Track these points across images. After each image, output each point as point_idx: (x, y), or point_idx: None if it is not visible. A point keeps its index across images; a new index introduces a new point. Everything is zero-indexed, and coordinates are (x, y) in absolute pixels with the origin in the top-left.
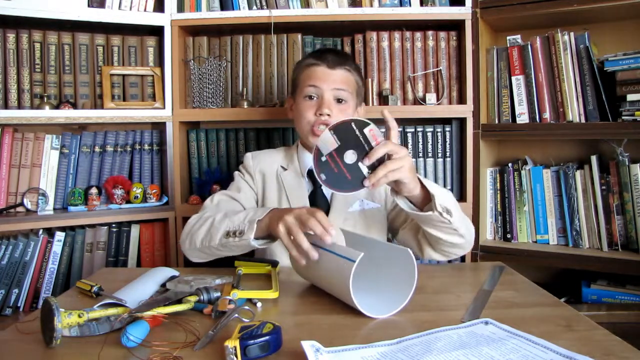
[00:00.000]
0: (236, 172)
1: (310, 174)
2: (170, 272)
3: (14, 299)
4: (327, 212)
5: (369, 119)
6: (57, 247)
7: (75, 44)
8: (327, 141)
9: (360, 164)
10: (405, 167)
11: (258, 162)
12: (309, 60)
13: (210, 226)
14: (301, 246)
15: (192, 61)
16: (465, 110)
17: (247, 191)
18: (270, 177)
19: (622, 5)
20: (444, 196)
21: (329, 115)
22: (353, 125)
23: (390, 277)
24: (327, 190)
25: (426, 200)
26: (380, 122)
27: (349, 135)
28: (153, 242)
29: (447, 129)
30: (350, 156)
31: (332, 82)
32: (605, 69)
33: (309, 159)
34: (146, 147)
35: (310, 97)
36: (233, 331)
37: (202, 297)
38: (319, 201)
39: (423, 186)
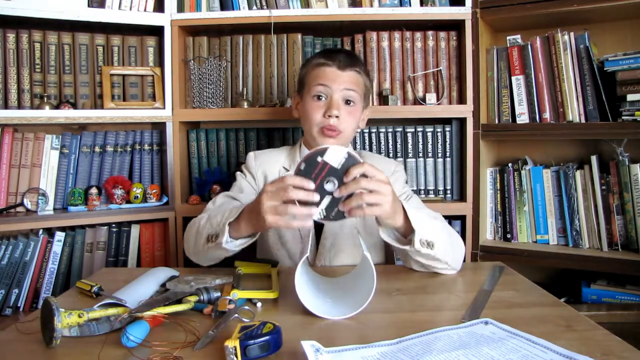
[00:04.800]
0: (238, 173)
1: None
2: (170, 272)
3: (14, 299)
4: None
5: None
6: (57, 247)
7: (75, 44)
8: (336, 155)
9: (327, 197)
10: (385, 206)
11: (260, 163)
12: (318, 60)
13: (197, 231)
14: (300, 214)
15: (192, 61)
16: (465, 110)
17: (249, 192)
18: (273, 178)
19: (622, 5)
20: (427, 229)
21: (337, 117)
22: (358, 170)
23: (354, 281)
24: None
25: (411, 229)
26: (379, 122)
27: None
28: (153, 242)
29: (447, 129)
30: (328, 183)
31: (341, 82)
32: (605, 69)
33: None
34: (146, 147)
35: (319, 97)
36: (233, 331)
37: (202, 297)
38: None
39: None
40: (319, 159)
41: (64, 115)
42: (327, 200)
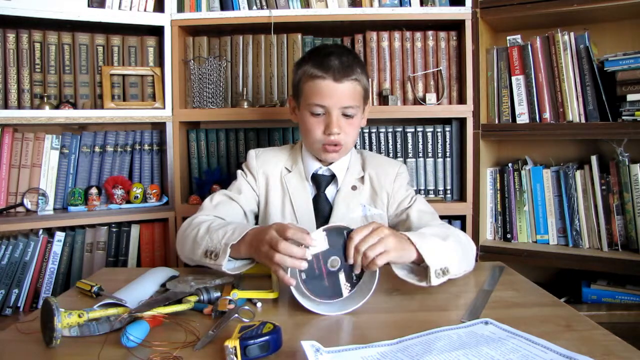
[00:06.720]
0: (239, 171)
1: (314, 178)
2: (170, 272)
3: (14, 299)
4: (329, 217)
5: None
6: (57, 247)
7: (75, 44)
8: (319, 241)
9: (340, 273)
10: (389, 250)
11: (262, 163)
12: (312, 70)
13: (194, 239)
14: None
15: (192, 61)
16: (465, 110)
17: (248, 193)
18: (274, 179)
19: (622, 5)
20: (439, 254)
21: (338, 134)
22: (345, 233)
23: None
24: (330, 194)
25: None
26: (379, 122)
27: (338, 240)
28: (153, 242)
29: (447, 129)
30: (333, 262)
31: (338, 98)
32: (605, 69)
33: (313, 163)
34: (146, 147)
35: (317, 114)
36: (233, 331)
37: (202, 297)
38: (322, 205)
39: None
40: (310, 257)
41: (64, 115)
42: (342, 275)
